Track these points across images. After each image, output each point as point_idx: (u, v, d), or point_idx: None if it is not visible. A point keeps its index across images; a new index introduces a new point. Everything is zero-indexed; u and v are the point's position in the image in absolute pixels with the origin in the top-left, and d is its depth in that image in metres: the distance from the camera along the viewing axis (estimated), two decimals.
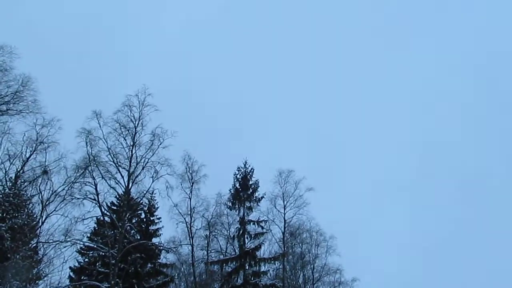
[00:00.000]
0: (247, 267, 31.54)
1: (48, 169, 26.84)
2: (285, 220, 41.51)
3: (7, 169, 25.59)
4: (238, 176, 34.90)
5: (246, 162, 35.31)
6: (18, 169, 25.77)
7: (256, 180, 34.79)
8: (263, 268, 33.37)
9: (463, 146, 71.60)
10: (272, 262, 34.99)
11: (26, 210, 22.95)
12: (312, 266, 43.30)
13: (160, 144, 27.53)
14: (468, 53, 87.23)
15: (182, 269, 36.03)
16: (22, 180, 24.92)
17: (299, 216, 41.73)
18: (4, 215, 20.96)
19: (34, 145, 26.68)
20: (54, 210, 26.20)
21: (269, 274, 34.90)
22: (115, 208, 27.73)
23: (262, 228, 34.01)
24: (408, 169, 68.04)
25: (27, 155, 26.41)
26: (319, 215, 41.83)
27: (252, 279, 31.27)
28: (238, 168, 35.12)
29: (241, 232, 32.76)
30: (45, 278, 22.47)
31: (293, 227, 42.00)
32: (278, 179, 42.12)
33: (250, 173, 34.86)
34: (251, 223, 33.55)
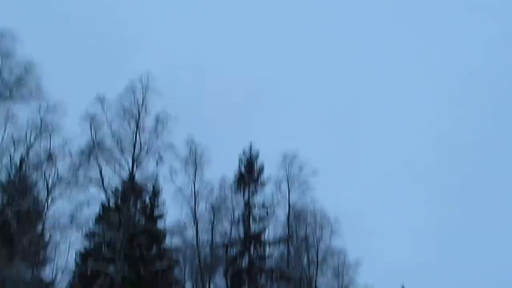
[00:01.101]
0: (252, 251, 31.73)
1: (52, 154, 26.93)
2: (289, 204, 41.72)
3: (12, 155, 25.69)
4: (243, 159, 34.91)
5: (251, 146, 35.32)
6: (23, 155, 25.85)
7: (261, 164, 34.80)
8: (267, 252, 33.59)
9: (481, 135, 70.81)
10: (277, 245, 35.20)
11: (31, 195, 23.09)
12: (316, 248, 43.56)
13: (164, 128, 27.57)
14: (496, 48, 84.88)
15: (187, 252, 36.32)
16: (27, 166, 25.01)
17: (304, 200, 41.98)
18: (10, 200, 21.12)
19: (38, 130, 26.71)
20: (59, 195, 26.40)
21: (273, 257, 35.16)
22: (119, 193, 27.84)
23: (267, 211, 34.13)
24: (425, 157, 67.53)
25: (31, 141, 26.47)
26: (325, 198, 41.92)
27: (257, 262, 31.47)
28: (243, 151, 35.14)
29: (245, 215, 32.89)
30: (52, 262, 22.69)
31: (298, 211, 42.23)
32: (283, 162, 42.32)
33: (255, 157, 34.86)
34: (256, 207, 33.68)
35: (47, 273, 22.08)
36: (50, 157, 26.51)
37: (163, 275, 26.43)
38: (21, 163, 24.71)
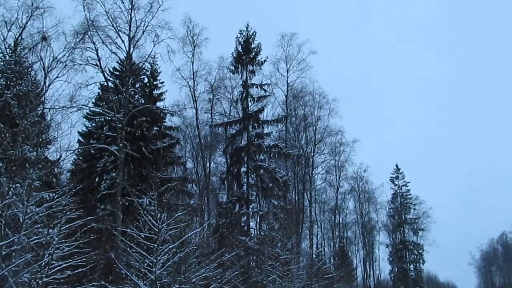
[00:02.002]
0: (250, 129, 32.38)
1: (46, 35, 26.38)
2: (288, 83, 41.86)
3: (5, 37, 25.18)
4: (240, 39, 34.28)
5: (248, 25, 34.48)
6: (17, 36, 25.33)
7: (258, 43, 34.22)
8: (266, 130, 34.32)
9: None
10: (275, 124, 35.87)
11: (29, 77, 23.00)
12: (314, 128, 44.44)
13: (160, 6, 26.68)
14: None
15: (187, 131, 37.19)
16: (22, 47, 24.61)
17: (302, 79, 42.01)
18: (8, 82, 21.10)
19: (30, 10, 25.91)
20: (57, 77, 26.31)
21: (272, 135, 36.01)
22: (117, 73, 27.67)
23: (265, 91, 34.27)
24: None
25: (24, 22, 25.81)
26: (324, 79, 41.89)
27: (255, 140, 32.27)
28: (240, 31, 34.39)
29: (244, 95, 33.07)
30: (55, 142, 23.23)
31: (296, 90, 42.42)
32: (281, 42, 41.70)
33: (252, 36, 34.17)
34: (254, 87, 33.74)
35: (51, 152, 22.70)
36: (44, 38, 26.01)
37: (165, 153, 27.18)
38: (15, 45, 24.29)
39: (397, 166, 68.40)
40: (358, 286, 49.28)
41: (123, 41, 26.43)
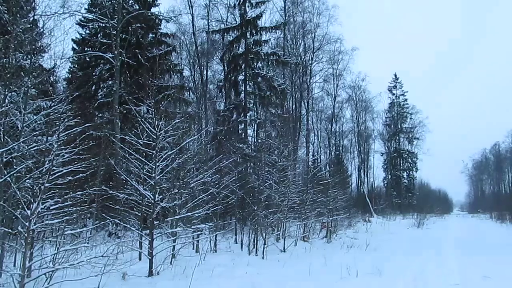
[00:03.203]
0: (248, 36, 31.72)
1: None
2: None
3: None
4: None
5: None
6: None
7: None
8: (264, 37, 33.62)
9: None
10: (273, 31, 35.06)
11: None
12: (312, 35, 43.62)
13: None
14: None
15: (183, 39, 36.45)
16: None
17: None
18: None
19: None
20: None
21: (270, 43, 35.37)
22: None
23: None
24: None
25: None
26: None
27: (253, 47, 31.74)
28: None
29: (241, 0, 32.04)
30: (49, 50, 22.82)
31: None
32: None
33: None
34: None
35: (45, 60, 22.36)
36: None
37: (161, 60, 26.83)
38: None
39: (395, 75, 68.14)
40: (352, 192, 50.81)
41: None
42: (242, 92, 31.51)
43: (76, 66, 26.56)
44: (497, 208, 50.38)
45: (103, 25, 25.50)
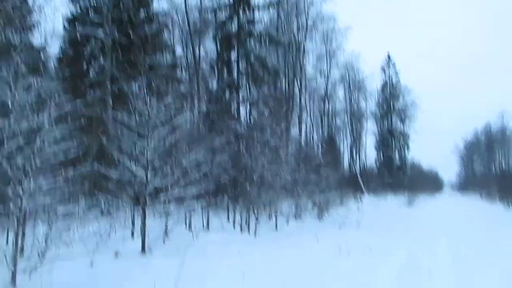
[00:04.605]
0: (241, 15, 31.44)
1: None
2: None
3: None
4: None
5: None
6: None
7: None
8: (257, 16, 33.36)
9: None
10: (267, 9, 34.80)
11: None
12: (306, 14, 43.27)
13: None
14: None
15: (176, 17, 36.04)
16: None
17: None
18: None
19: None
20: None
21: (263, 22, 35.11)
22: None
23: None
24: None
25: None
26: None
27: (246, 26, 31.49)
28: None
29: None
30: (39, 27, 22.53)
31: None
32: None
33: None
34: None
35: (35, 38, 22.09)
36: None
37: (153, 39, 26.57)
38: None
39: (388, 55, 67.99)
40: (344, 171, 51.07)
41: None
42: (235, 71, 31.35)
43: (66, 44, 26.23)
44: (487, 188, 50.90)
45: (94, 4, 25.16)
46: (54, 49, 24.68)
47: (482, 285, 8.63)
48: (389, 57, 67.30)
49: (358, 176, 53.46)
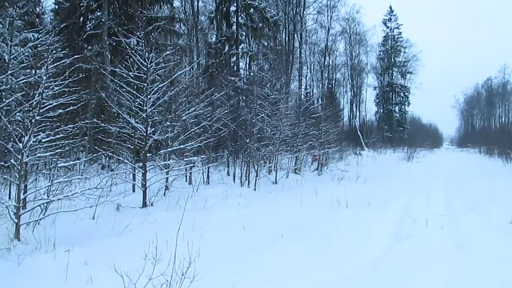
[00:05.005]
0: None
1: None
2: None
3: None
4: None
5: None
6: None
7: None
8: None
9: None
10: None
11: None
12: None
13: None
14: None
15: None
16: None
17: None
18: None
19: None
20: None
21: None
22: None
23: None
24: None
25: None
26: None
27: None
28: None
29: None
30: None
31: None
32: None
33: None
34: None
35: None
36: None
37: None
38: None
39: (390, 7, 66.74)
40: (344, 126, 51.13)
41: None
42: (234, 23, 30.82)
43: None
44: (486, 143, 51.04)
45: None
46: (49, 1, 24.23)
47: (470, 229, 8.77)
48: (391, 9, 66.14)
49: (358, 130, 53.53)
